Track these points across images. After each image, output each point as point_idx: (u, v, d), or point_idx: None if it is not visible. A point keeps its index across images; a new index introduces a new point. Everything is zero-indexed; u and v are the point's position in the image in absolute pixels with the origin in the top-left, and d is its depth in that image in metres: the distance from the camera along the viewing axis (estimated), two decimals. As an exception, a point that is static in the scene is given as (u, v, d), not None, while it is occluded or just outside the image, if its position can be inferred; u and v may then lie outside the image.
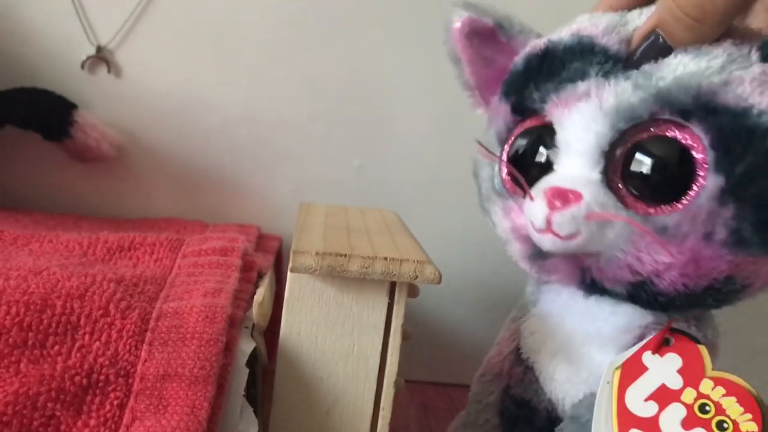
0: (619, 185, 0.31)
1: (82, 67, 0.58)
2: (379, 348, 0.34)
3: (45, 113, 0.55)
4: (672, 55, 0.30)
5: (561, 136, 0.33)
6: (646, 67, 0.31)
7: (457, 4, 0.37)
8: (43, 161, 0.59)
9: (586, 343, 0.35)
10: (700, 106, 0.29)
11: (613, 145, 0.31)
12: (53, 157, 0.59)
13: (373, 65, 0.61)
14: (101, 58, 0.58)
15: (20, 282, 0.31)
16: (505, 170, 0.37)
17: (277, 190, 0.62)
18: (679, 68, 0.30)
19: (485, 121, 0.40)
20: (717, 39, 0.30)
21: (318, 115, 0.61)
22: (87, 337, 0.30)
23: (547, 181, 0.33)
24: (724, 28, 0.30)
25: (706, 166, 0.29)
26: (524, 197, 0.34)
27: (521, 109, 0.35)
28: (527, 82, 0.35)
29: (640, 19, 0.32)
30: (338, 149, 0.62)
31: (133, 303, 0.32)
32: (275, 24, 0.59)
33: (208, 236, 0.44)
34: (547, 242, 0.32)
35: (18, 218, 0.51)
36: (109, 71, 0.59)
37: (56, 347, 0.29)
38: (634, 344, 0.33)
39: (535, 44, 0.35)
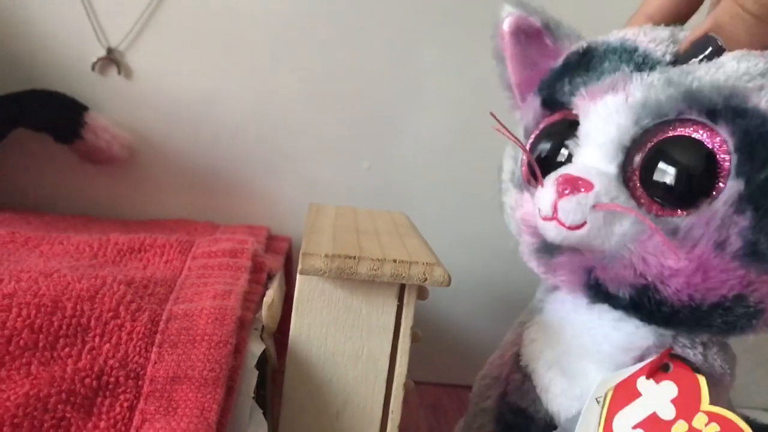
0: (636, 183, 0.30)
1: (93, 68, 0.59)
2: (389, 350, 0.34)
3: (56, 115, 0.56)
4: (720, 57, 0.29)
5: (583, 128, 0.32)
6: (686, 66, 0.29)
7: (507, 1, 0.36)
8: (53, 163, 0.59)
9: (583, 358, 0.34)
10: (730, 107, 0.27)
11: (635, 141, 0.30)
12: (64, 159, 0.59)
13: (383, 67, 0.61)
14: (112, 59, 0.59)
15: (31, 284, 0.31)
16: (525, 161, 0.36)
17: (287, 192, 0.62)
18: (720, 70, 0.28)
19: (518, 121, 0.39)
20: None
21: (327, 116, 0.61)
22: (97, 339, 0.30)
23: (561, 171, 0.32)
24: None
25: (728, 170, 0.28)
26: (537, 186, 0.33)
27: (551, 103, 0.34)
28: (562, 77, 0.34)
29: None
30: (348, 151, 0.62)
31: (143, 305, 0.32)
32: (285, 26, 0.60)
33: (218, 238, 0.44)
34: (551, 231, 0.31)
35: (29, 220, 0.51)
36: (119, 73, 0.59)
37: (66, 349, 0.29)
38: (632, 365, 0.32)
39: (578, 43, 0.35)
